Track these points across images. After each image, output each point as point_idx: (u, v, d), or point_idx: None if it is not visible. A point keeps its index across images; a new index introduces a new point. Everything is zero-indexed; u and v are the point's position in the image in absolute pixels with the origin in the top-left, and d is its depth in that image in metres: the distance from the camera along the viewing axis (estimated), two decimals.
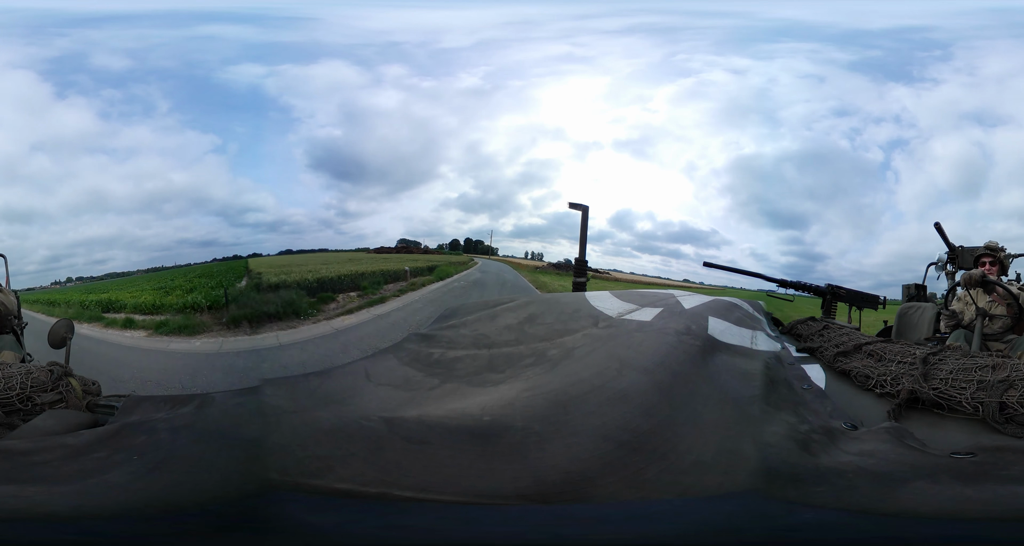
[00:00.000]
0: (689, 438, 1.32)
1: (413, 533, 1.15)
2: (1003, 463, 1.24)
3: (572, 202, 5.30)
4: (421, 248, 24.24)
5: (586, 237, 5.30)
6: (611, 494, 1.18)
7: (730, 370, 1.69)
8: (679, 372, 1.58)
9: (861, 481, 1.20)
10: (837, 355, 2.05)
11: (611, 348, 1.73)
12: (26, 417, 1.65)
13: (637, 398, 1.42)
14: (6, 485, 1.20)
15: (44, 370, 1.83)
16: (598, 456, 1.24)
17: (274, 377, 1.76)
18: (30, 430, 1.55)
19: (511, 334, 1.99)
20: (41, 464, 1.30)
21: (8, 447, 1.38)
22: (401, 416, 1.40)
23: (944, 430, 1.53)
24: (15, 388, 1.71)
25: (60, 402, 1.75)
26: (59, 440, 1.42)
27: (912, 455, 1.29)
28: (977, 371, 1.64)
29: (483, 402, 1.45)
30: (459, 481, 1.20)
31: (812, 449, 1.31)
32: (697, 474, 1.24)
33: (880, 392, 1.75)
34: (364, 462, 1.24)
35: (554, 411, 1.37)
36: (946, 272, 5.44)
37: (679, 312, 2.13)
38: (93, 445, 1.38)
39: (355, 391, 1.61)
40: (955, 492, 1.15)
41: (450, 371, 1.74)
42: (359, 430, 1.35)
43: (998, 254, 4.44)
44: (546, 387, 1.51)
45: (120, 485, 1.22)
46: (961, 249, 5.38)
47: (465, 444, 1.29)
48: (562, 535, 1.16)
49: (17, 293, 4.66)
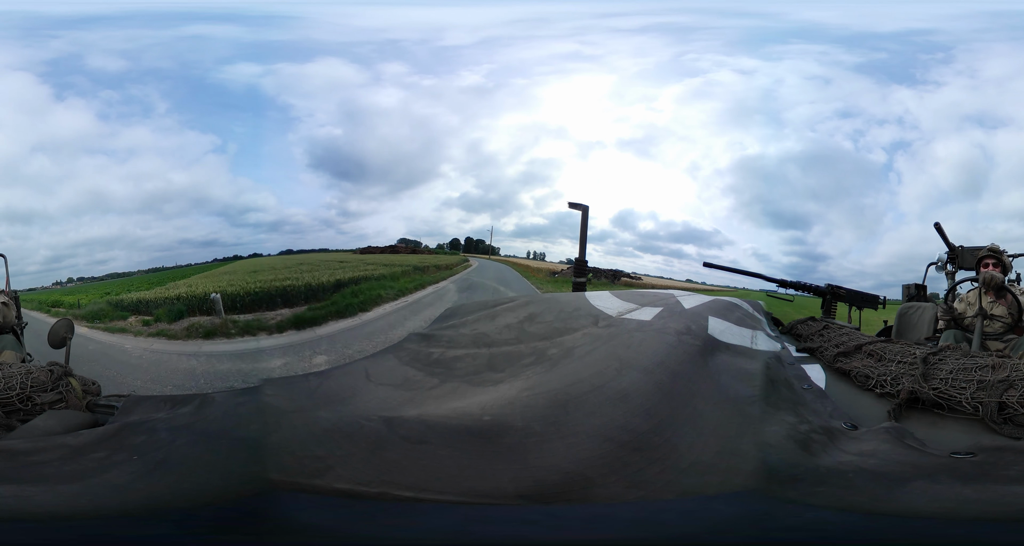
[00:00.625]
0: (689, 438, 1.32)
1: (413, 533, 1.15)
2: (1003, 463, 1.24)
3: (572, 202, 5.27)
4: (414, 248, 23.62)
5: (586, 237, 5.28)
6: (611, 494, 1.18)
7: (730, 370, 1.69)
8: (679, 372, 1.58)
9: (861, 481, 1.20)
10: (837, 355, 2.04)
11: (611, 347, 1.73)
12: (26, 417, 1.65)
13: (637, 398, 1.42)
14: (6, 485, 1.20)
15: (44, 370, 1.83)
16: (598, 456, 1.24)
17: (274, 377, 1.76)
18: (30, 430, 1.55)
19: (511, 333, 1.98)
20: (41, 464, 1.30)
21: (8, 447, 1.38)
22: (401, 416, 1.40)
23: (944, 430, 1.53)
24: (15, 388, 1.70)
25: (60, 402, 1.74)
26: (59, 440, 1.41)
27: (912, 455, 1.29)
28: (977, 371, 1.63)
29: (483, 401, 1.45)
30: (459, 481, 1.20)
31: (812, 449, 1.31)
32: (697, 474, 1.24)
33: (880, 392, 1.75)
34: (364, 462, 1.24)
35: (554, 411, 1.37)
36: (946, 272, 5.44)
37: (679, 312, 2.13)
38: (93, 445, 1.37)
39: (355, 391, 1.61)
40: (955, 492, 1.15)
41: (450, 370, 1.74)
42: (359, 430, 1.35)
43: (1001, 256, 4.46)
44: (546, 386, 1.51)
45: (120, 485, 1.22)
46: (961, 249, 5.38)
47: (465, 444, 1.29)
48: (562, 535, 1.16)
49: (17, 293, 4.67)
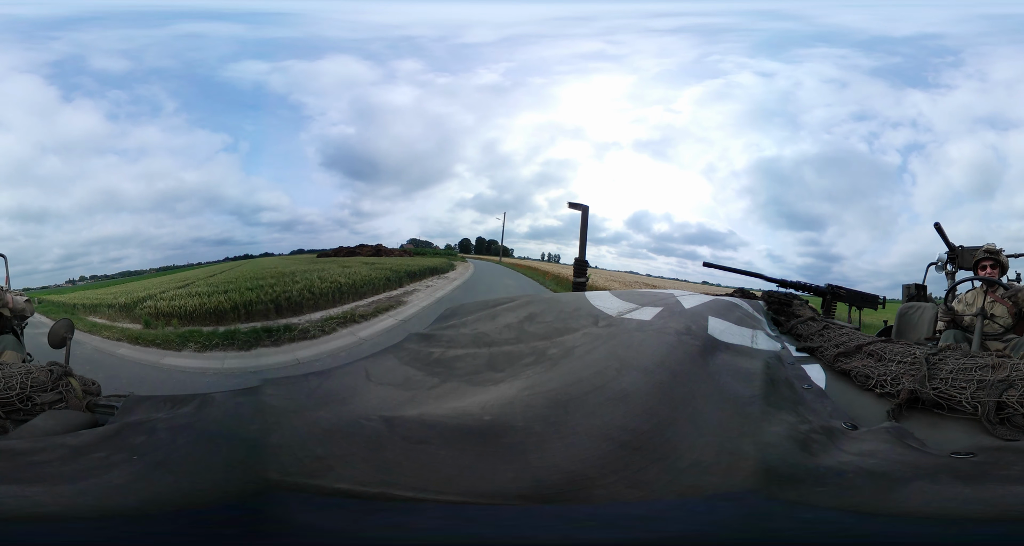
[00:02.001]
0: (689, 438, 1.32)
1: (413, 533, 1.15)
2: (1003, 463, 1.24)
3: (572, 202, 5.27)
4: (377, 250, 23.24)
5: (586, 237, 5.28)
6: (611, 494, 1.18)
7: (730, 370, 1.69)
8: (679, 372, 1.58)
9: (861, 481, 1.20)
10: (837, 355, 2.04)
11: (611, 347, 1.73)
12: (26, 417, 1.64)
13: (637, 398, 1.42)
14: (6, 485, 1.20)
15: (44, 370, 1.82)
16: (598, 456, 1.24)
17: (274, 377, 1.76)
18: (30, 430, 1.55)
19: (511, 333, 1.98)
20: (41, 464, 1.30)
21: (8, 447, 1.38)
22: (401, 415, 1.40)
23: (944, 430, 1.52)
24: (15, 388, 1.70)
25: (60, 402, 1.74)
26: (59, 440, 1.41)
27: (912, 455, 1.29)
28: (977, 371, 1.63)
29: (483, 401, 1.45)
30: (459, 481, 1.20)
31: (812, 449, 1.31)
32: (697, 474, 1.23)
33: (880, 392, 1.75)
34: (364, 462, 1.24)
35: (554, 411, 1.37)
36: (946, 272, 5.44)
37: (679, 312, 2.13)
38: (93, 445, 1.37)
39: (355, 391, 1.61)
40: (955, 492, 1.15)
41: (450, 370, 1.74)
42: (359, 430, 1.34)
43: (998, 256, 4.47)
44: (546, 386, 1.51)
45: (120, 485, 1.22)
46: (961, 249, 5.38)
47: (465, 444, 1.29)
48: (562, 535, 1.16)
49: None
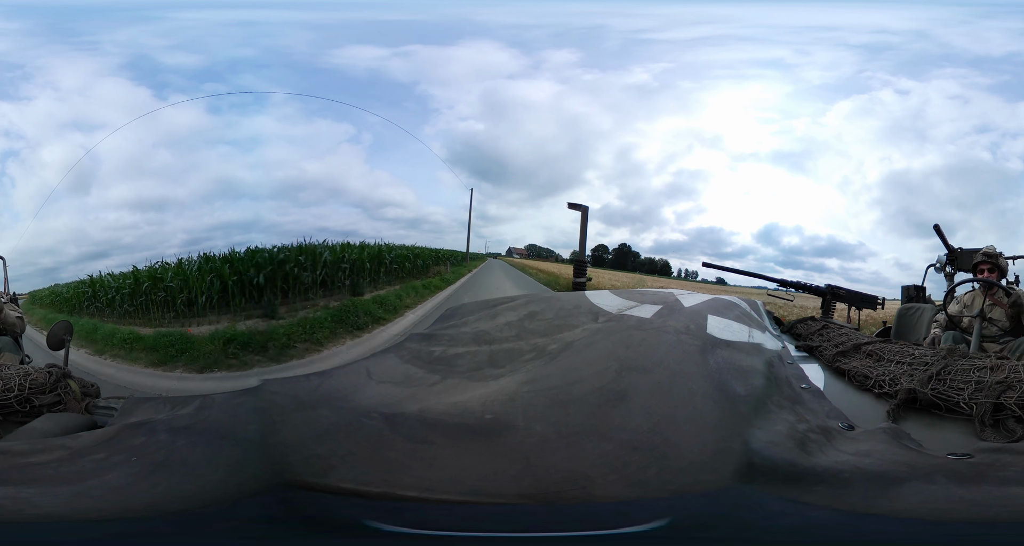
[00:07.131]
0: (688, 437, 1.32)
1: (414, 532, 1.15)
2: (999, 464, 1.24)
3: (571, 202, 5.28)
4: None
5: (586, 237, 5.30)
6: (611, 493, 1.18)
7: (729, 368, 1.69)
8: (678, 371, 1.58)
9: (858, 481, 1.20)
10: (836, 355, 2.05)
11: (611, 345, 1.73)
12: (24, 419, 1.64)
13: (636, 398, 1.42)
14: (4, 487, 1.20)
15: (43, 372, 1.82)
16: (598, 455, 1.25)
17: (275, 377, 1.76)
18: (28, 432, 1.55)
19: (511, 330, 1.99)
20: (39, 465, 1.29)
21: (6, 449, 1.38)
22: (402, 412, 1.41)
23: (942, 431, 1.53)
24: (13, 390, 1.70)
25: (59, 404, 1.74)
26: (58, 442, 1.41)
27: (909, 455, 1.29)
28: (975, 372, 1.64)
29: (483, 395, 1.46)
30: (461, 480, 1.21)
31: (809, 448, 1.31)
32: (696, 473, 1.24)
33: (879, 392, 1.75)
34: (366, 461, 1.24)
35: (555, 411, 1.37)
36: (945, 273, 5.46)
37: (678, 310, 2.13)
38: (92, 447, 1.37)
39: (356, 389, 1.61)
40: (951, 493, 1.15)
41: (451, 367, 1.75)
42: (360, 429, 1.35)
43: (996, 259, 4.49)
44: (546, 382, 1.51)
45: (119, 487, 1.22)
46: (960, 251, 5.40)
47: (467, 443, 1.29)
48: (563, 535, 1.16)
49: (15, 295, 4.67)
